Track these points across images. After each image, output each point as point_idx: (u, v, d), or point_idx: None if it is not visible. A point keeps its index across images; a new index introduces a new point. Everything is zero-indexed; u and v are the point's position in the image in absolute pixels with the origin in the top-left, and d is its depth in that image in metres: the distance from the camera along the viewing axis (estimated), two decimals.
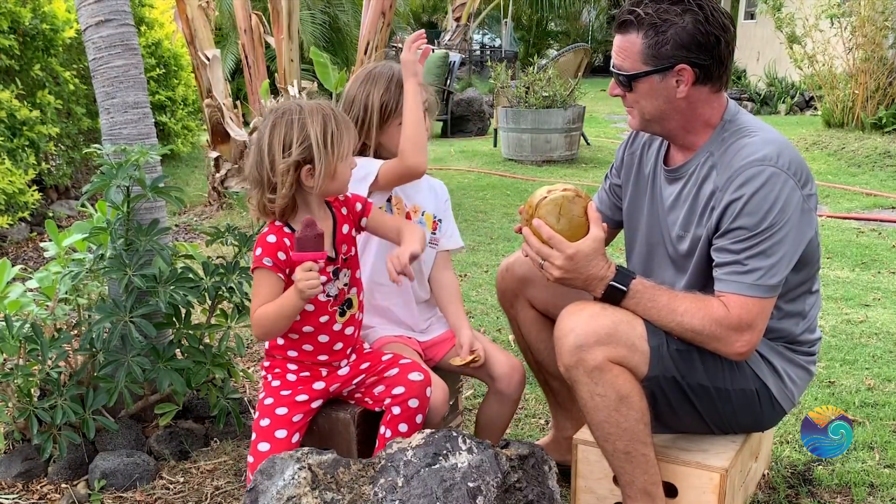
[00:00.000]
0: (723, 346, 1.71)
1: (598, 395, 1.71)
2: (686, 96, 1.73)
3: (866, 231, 5.12)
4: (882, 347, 3.16)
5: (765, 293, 1.68)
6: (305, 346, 1.90)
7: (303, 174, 1.76)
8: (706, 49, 1.69)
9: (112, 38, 2.30)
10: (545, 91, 7.87)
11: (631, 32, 1.72)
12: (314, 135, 1.74)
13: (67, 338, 2.19)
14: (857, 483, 2.18)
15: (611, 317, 1.72)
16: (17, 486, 2.20)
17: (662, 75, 1.71)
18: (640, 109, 1.79)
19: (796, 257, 1.70)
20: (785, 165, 1.66)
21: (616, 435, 1.73)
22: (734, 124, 1.78)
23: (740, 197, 1.67)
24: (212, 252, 3.81)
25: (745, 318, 1.68)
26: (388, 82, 2.07)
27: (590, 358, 1.69)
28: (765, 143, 1.70)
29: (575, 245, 1.73)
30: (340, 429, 1.96)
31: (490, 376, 2.09)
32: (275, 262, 1.78)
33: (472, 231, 5.23)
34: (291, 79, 5.87)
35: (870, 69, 8.32)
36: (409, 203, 2.14)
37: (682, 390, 1.76)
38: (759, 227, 1.65)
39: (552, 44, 22.76)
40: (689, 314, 1.70)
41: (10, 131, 4.74)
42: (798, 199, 1.67)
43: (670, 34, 1.68)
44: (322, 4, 12.33)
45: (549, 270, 1.76)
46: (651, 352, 1.72)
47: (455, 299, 2.18)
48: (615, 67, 1.77)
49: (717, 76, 1.74)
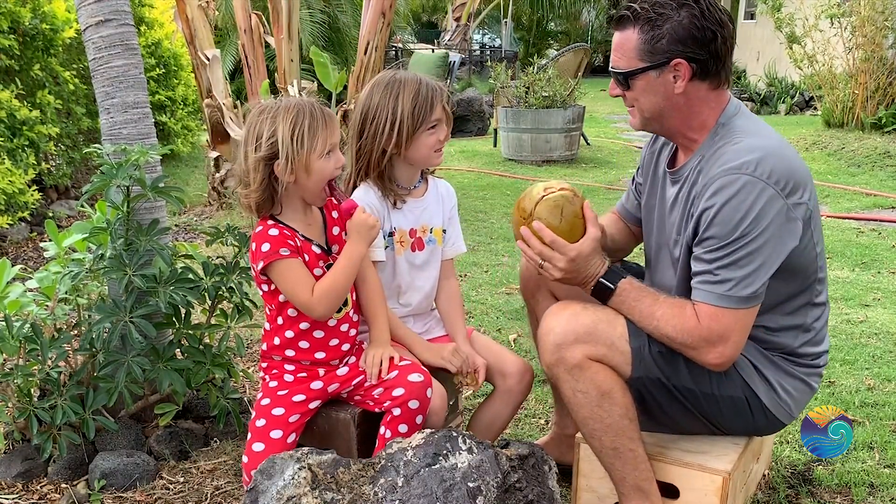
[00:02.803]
0: (697, 355, 1.70)
1: (580, 391, 1.73)
2: (684, 92, 1.72)
3: (866, 231, 5.12)
4: (882, 347, 3.16)
5: (737, 304, 1.65)
6: (302, 342, 1.90)
7: (275, 169, 1.77)
8: (702, 44, 1.69)
9: (112, 38, 2.30)
10: (545, 91, 7.87)
11: (627, 28, 1.73)
12: (281, 130, 1.75)
13: (67, 338, 2.18)
14: (857, 483, 2.18)
15: (591, 316, 1.74)
16: (17, 486, 2.20)
17: (659, 71, 1.71)
18: (639, 107, 1.79)
19: (773, 268, 1.65)
20: (764, 174, 1.62)
21: (601, 431, 1.75)
22: (726, 128, 1.76)
23: (712, 206, 1.65)
24: (212, 252, 3.81)
25: (715, 330, 1.66)
26: (417, 88, 1.98)
27: (569, 356, 1.71)
28: (749, 150, 1.66)
29: (576, 247, 1.74)
30: (340, 429, 1.96)
31: (501, 374, 2.08)
32: (290, 249, 1.80)
33: (472, 231, 5.23)
34: (291, 79, 5.87)
35: (870, 69, 8.32)
36: (418, 224, 2.10)
37: (669, 392, 1.76)
38: (730, 237, 1.63)
39: (552, 44, 22.76)
40: (664, 320, 1.70)
41: (10, 131, 4.73)
42: (779, 208, 1.62)
43: (666, 29, 1.68)
44: (321, 4, 12.34)
45: (551, 272, 1.77)
46: (632, 353, 1.73)
47: (455, 308, 2.17)
48: (613, 66, 1.78)
49: (715, 72, 1.73)
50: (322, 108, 1.81)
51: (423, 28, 24.52)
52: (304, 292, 1.80)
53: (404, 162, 2.03)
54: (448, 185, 2.22)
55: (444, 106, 2.00)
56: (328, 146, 1.80)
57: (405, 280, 2.10)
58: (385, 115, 1.96)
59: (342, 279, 1.83)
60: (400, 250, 2.08)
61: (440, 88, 2.01)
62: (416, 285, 2.12)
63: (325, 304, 1.81)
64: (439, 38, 19.34)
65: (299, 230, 1.86)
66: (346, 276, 1.83)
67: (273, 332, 1.92)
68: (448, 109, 2.02)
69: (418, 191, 2.12)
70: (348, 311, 1.94)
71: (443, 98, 2.00)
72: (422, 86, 1.98)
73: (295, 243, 1.82)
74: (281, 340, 1.91)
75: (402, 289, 2.11)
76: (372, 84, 2.03)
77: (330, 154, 1.80)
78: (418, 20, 24.56)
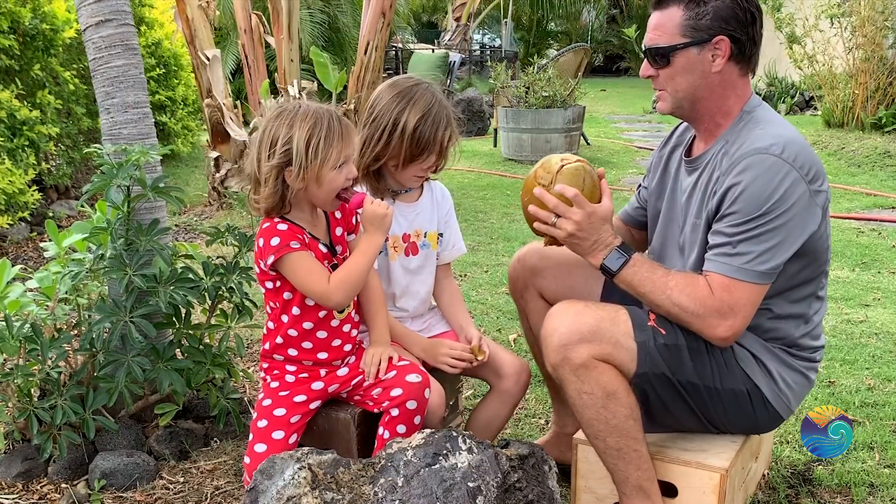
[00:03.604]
0: (706, 327, 1.71)
1: (585, 392, 1.73)
2: (720, 71, 1.76)
3: (866, 231, 5.12)
4: (882, 347, 3.16)
5: (752, 278, 1.68)
6: (305, 343, 1.90)
7: (286, 175, 1.76)
8: (743, 25, 1.74)
9: (112, 38, 2.30)
10: (545, 91, 7.87)
11: (671, 6, 1.77)
12: (297, 138, 1.73)
13: (67, 338, 2.19)
14: (857, 483, 2.18)
15: (594, 315, 1.74)
16: (17, 486, 2.20)
17: (700, 48, 1.75)
18: (673, 87, 1.81)
19: (793, 248, 1.69)
20: (790, 157, 1.67)
21: (606, 432, 1.75)
22: (751, 116, 1.81)
23: (739, 182, 1.68)
24: (212, 252, 3.81)
25: (727, 301, 1.69)
26: (426, 110, 1.93)
27: (574, 356, 1.71)
28: (774, 136, 1.71)
29: (595, 206, 1.76)
30: (340, 429, 1.96)
31: (497, 374, 2.08)
32: (300, 242, 1.80)
33: (472, 231, 5.23)
34: (291, 79, 5.87)
35: (870, 69, 8.32)
36: (412, 228, 2.10)
37: (673, 387, 1.77)
38: (755, 212, 1.66)
39: (552, 44, 22.74)
40: (677, 290, 1.72)
41: (10, 131, 4.73)
42: (803, 192, 1.67)
43: (711, 6, 1.73)
44: (321, 4, 12.34)
45: (563, 225, 1.76)
46: (638, 348, 1.73)
47: (457, 301, 2.19)
48: (650, 44, 1.80)
49: (748, 55, 1.78)
50: (340, 119, 1.79)
51: (423, 28, 24.52)
52: (319, 282, 1.79)
53: (391, 173, 2.02)
54: (444, 188, 2.20)
55: (442, 146, 1.97)
56: (342, 158, 1.78)
57: (400, 285, 2.10)
58: (387, 122, 1.93)
59: (359, 268, 1.82)
60: (394, 255, 2.08)
61: (447, 119, 1.96)
62: (412, 290, 2.12)
63: (343, 292, 1.80)
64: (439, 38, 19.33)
65: (306, 229, 1.86)
66: (363, 265, 1.82)
67: (275, 331, 1.92)
68: (448, 142, 1.98)
69: (412, 195, 2.12)
70: (350, 312, 1.95)
71: (446, 135, 1.96)
72: (433, 108, 1.93)
73: (304, 238, 1.82)
74: (284, 339, 1.91)
75: (397, 294, 2.11)
76: (388, 85, 2.00)
77: (342, 166, 1.79)
78: (418, 20, 24.55)
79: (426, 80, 2.02)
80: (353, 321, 1.97)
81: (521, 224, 5.46)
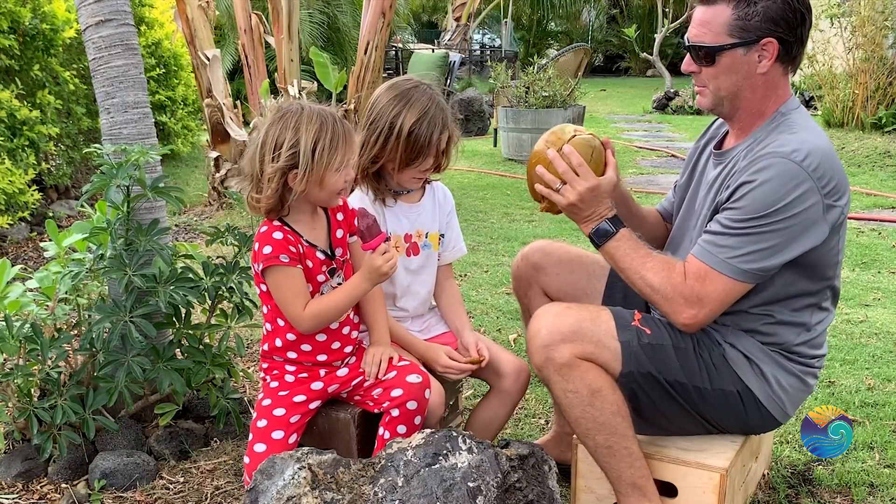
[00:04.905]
0: (671, 312, 1.73)
1: (570, 391, 1.74)
2: (766, 73, 1.73)
3: (866, 231, 5.12)
4: (882, 347, 3.16)
5: (731, 273, 1.67)
6: (304, 345, 1.90)
7: (290, 178, 1.76)
8: (792, 26, 1.70)
9: (112, 38, 2.30)
10: (545, 91, 7.87)
11: (720, 3, 1.72)
12: (304, 141, 1.73)
13: (67, 338, 2.19)
14: (857, 483, 2.18)
15: (575, 315, 1.76)
16: (17, 486, 2.20)
17: (747, 49, 1.71)
18: (715, 85, 1.78)
19: (785, 257, 1.67)
20: (810, 167, 1.63)
21: (594, 430, 1.76)
22: (785, 117, 1.78)
23: (752, 181, 1.66)
24: (212, 252, 3.81)
25: (696, 290, 1.69)
26: (423, 113, 1.92)
27: (557, 356, 1.73)
28: (801, 141, 1.67)
29: (599, 180, 1.78)
30: (340, 429, 1.96)
31: (496, 374, 2.08)
32: (290, 256, 1.79)
33: (472, 231, 5.23)
34: (291, 79, 5.87)
35: (870, 69, 8.32)
36: (413, 229, 2.10)
37: (661, 386, 1.77)
38: (758, 213, 1.65)
39: (552, 44, 22.76)
40: (653, 271, 1.73)
41: (10, 131, 4.73)
42: (814, 203, 1.64)
43: (760, 6, 1.68)
44: (321, 4, 12.33)
45: (567, 194, 1.78)
46: (621, 347, 1.74)
47: (456, 303, 2.19)
48: (694, 40, 1.76)
49: (794, 56, 1.75)
50: (343, 123, 1.79)
51: (423, 28, 24.52)
52: (296, 306, 1.80)
53: (390, 175, 2.02)
54: (446, 189, 2.21)
55: (439, 149, 1.96)
56: (345, 161, 1.79)
57: (401, 285, 2.10)
58: (384, 124, 1.93)
59: (337, 307, 1.83)
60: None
61: (443, 122, 1.95)
62: (413, 290, 2.12)
63: (313, 323, 1.82)
64: (439, 38, 19.33)
65: (304, 234, 1.85)
66: (341, 305, 1.84)
67: (274, 333, 1.92)
68: (446, 144, 1.97)
69: (414, 196, 2.12)
70: (349, 315, 1.94)
71: (442, 138, 1.95)
72: (430, 110, 1.92)
73: (298, 249, 1.81)
74: (283, 343, 1.91)
75: (398, 294, 2.12)
76: (388, 86, 1.99)
77: (342, 169, 1.80)
78: (418, 20, 24.55)
79: (426, 82, 2.00)
80: (353, 323, 1.97)
81: (522, 224, 5.46)
